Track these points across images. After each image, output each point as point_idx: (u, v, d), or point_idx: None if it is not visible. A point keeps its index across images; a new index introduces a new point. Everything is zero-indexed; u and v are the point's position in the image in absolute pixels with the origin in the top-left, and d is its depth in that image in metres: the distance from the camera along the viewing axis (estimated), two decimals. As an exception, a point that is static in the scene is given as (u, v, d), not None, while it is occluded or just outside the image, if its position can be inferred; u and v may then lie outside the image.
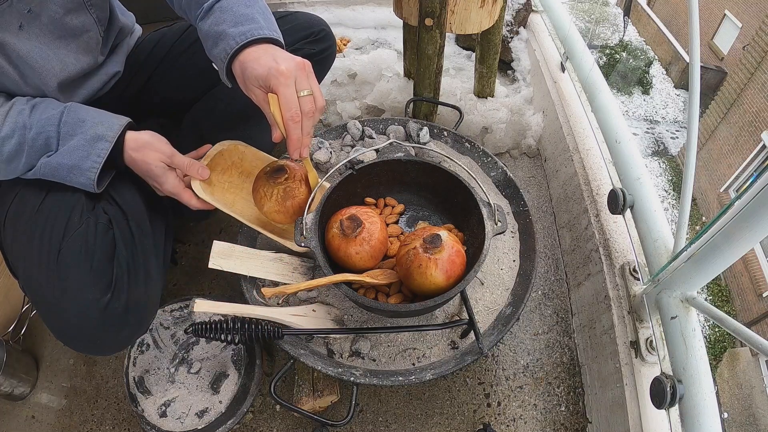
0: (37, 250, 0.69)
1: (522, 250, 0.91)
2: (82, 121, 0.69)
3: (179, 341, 0.89)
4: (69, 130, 0.68)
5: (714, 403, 0.58)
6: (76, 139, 0.68)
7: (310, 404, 0.83)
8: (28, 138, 0.66)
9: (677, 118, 9.53)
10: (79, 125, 0.68)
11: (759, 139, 6.67)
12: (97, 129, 0.69)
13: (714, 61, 9.48)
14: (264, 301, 0.82)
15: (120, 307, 0.70)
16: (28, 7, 0.66)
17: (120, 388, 0.97)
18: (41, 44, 0.70)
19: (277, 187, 0.79)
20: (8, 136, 0.66)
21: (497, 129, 1.27)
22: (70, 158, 0.68)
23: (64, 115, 0.68)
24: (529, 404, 0.90)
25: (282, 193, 0.80)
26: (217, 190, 0.83)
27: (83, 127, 0.68)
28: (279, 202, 0.80)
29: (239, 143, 0.87)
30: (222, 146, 0.85)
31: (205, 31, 0.71)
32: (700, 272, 0.62)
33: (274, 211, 0.81)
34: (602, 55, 10.28)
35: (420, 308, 0.72)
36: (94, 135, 0.68)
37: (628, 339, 0.78)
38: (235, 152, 0.87)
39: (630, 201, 0.81)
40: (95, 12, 0.77)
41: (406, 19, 1.06)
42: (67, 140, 0.68)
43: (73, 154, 0.68)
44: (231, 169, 0.87)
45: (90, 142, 0.68)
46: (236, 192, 0.87)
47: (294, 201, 0.81)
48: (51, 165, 0.68)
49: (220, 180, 0.85)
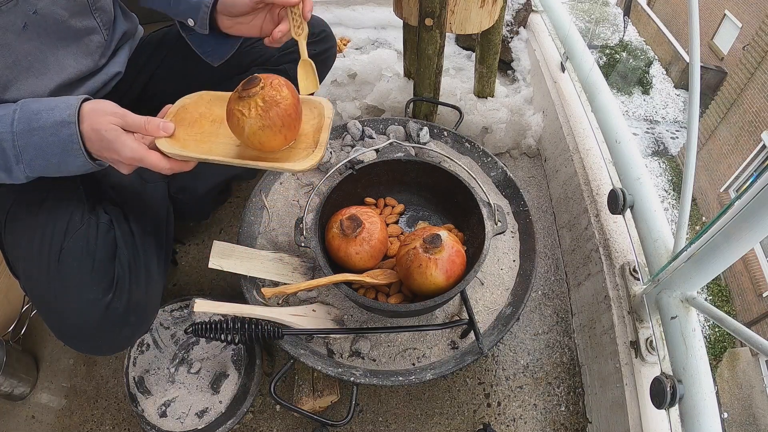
0: (38, 251, 0.69)
1: (522, 250, 0.91)
2: (35, 114, 0.62)
3: (179, 341, 0.89)
4: (25, 127, 0.61)
5: (714, 403, 0.58)
6: (35, 136, 0.61)
7: (310, 404, 0.83)
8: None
9: (677, 118, 9.53)
10: (33, 118, 0.61)
11: (759, 139, 6.67)
12: (53, 115, 0.62)
13: (714, 61, 9.48)
14: (264, 301, 0.82)
15: (121, 307, 0.70)
16: (34, 8, 0.66)
17: (120, 388, 0.97)
18: (43, 45, 0.69)
19: (254, 99, 0.64)
20: None
21: (497, 129, 1.27)
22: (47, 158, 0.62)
23: (18, 113, 0.62)
24: (529, 404, 0.90)
25: (261, 103, 0.65)
26: (189, 143, 0.69)
27: (38, 120, 0.61)
28: (261, 116, 0.65)
29: (204, 92, 0.75)
30: (183, 101, 0.73)
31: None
32: (700, 272, 0.62)
33: (259, 128, 0.65)
34: (602, 55, 10.28)
35: (420, 308, 0.72)
36: (53, 123, 0.61)
37: (628, 339, 0.78)
38: (200, 103, 0.74)
39: (630, 201, 0.81)
40: (99, 16, 0.77)
41: (406, 19, 1.06)
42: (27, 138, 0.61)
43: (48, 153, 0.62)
44: (200, 120, 0.74)
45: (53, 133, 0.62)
46: (211, 139, 0.72)
47: (279, 108, 0.65)
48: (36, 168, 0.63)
49: (190, 133, 0.71)
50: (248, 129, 0.65)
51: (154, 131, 0.66)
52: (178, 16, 0.82)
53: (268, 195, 0.99)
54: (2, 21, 0.62)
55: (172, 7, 0.80)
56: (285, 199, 0.99)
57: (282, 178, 1.02)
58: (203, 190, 1.02)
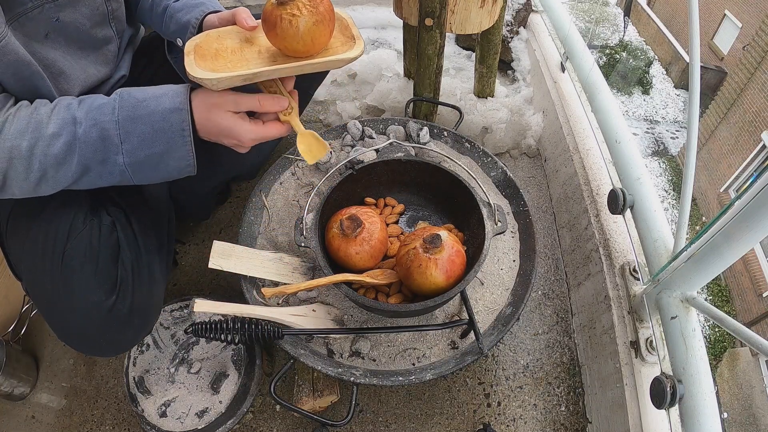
0: (40, 253, 0.69)
1: (522, 250, 0.91)
2: (141, 101, 0.61)
3: (179, 341, 0.89)
4: (129, 114, 0.60)
5: (714, 403, 0.58)
6: (141, 124, 0.60)
7: (310, 404, 0.83)
8: (78, 133, 0.59)
9: (677, 118, 9.53)
10: (139, 106, 0.61)
11: (759, 139, 6.67)
12: (161, 102, 0.61)
13: (714, 61, 9.48)
14: (264, 301, 0.82)
15: (125, 308, 0.70)
16: (56, 16, 0.66)
17: (120, 388, 0.97)
18: (65, 54, 0.70)
19: (297, 2, 0.66)
20: (56, 133, 0.58)
21: (497, 129, 1.27)
22: (151, 147, 0.61)
23: (118, 101, 0.61)
24: (529, 404, 0.90)
25: (307, 2, 0.67)
26: (232, 66, 0.70)
27: (145, 108, 0.61)
28: (312, 13, 0.67)
29: (208, 32, 0.75)
30: (194, 41, 0.72)
31: (181, 4, 0.83)
32: (700, 272, 0.62)
33: (313, 24, 0.67)
34: (602, 55, 10.28)
35: (420, 308, 0.72)
36: (163, 110, 0.61)
37: (628, 339, 0.78)
38: (210, 40, 0.74)
39: (630, 201, 0.81)
40: (115, 25, 0.79)
41: (406, 19, 1.06)
42: (130, 126, 0.60)
43: (153, 141, 0.61)
44: (220, 53, 0.74)
45: (163, 119, 0.61)
46: (244, 63, 0.73)
47: (324, 3, 0.69)
48: (138, 158, 0.61)
49: (220, 64, 0.71)
50: (303, 27, 0.67)
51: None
52: (168, 36, 0.85)
53: (268, 195, 0.99)
54: (27, 28, 0.62)
55: (163, 28, 0.84)
56: (285, 199, 0.99)
57: (282, 178, 1.02)
58: (203, 190, 1.02)
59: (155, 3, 0.85)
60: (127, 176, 0.62)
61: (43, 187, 0.61)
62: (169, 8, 0.83)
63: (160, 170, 0.64)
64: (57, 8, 0.65)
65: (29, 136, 0.57)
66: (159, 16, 0.84)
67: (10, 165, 0.58)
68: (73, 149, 0.59)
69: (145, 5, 0.86)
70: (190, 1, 0.83)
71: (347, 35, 0.76)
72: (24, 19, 0.61)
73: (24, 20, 0.61)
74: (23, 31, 0.61)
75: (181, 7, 0.82)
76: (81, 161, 0.59)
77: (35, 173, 0.59)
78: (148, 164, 0.62)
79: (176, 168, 0.64)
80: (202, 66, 0.67)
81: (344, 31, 0.77)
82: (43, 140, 0.58)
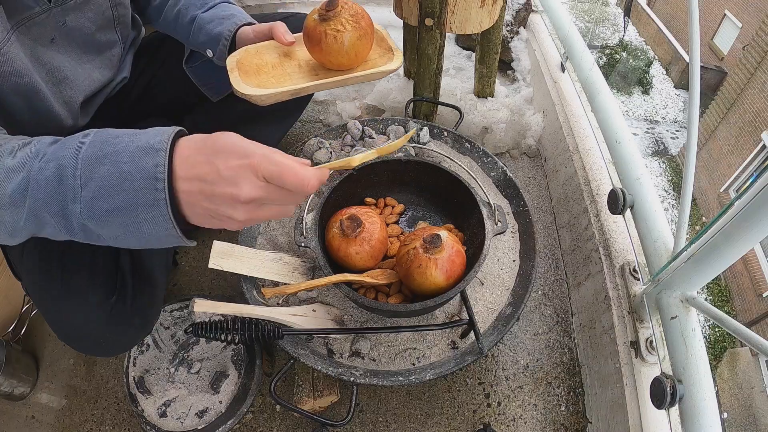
0: (40, 252, 0.69)
1: (522, 250, 0.91)
2: (114, 137, 0.45)
3: (179, 341, 0.89)
4: (95, 151, 0.43)
5: (714, 403, 0.58)
6: (105, 165, 0.42)
7: (310, 404, 0.83)
8: (34, 169, 0.43)
9: (677, 118, 9.53)
10: (108, 143, 0.44)
11: (759, 139, 6.67)
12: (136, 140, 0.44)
13: (714, 61, 9.48)
14: (264, 301, 0.82)
15: (125, 309, 0.70)
16: (63, 20, 0.66)
17: (120, 388, 0.97)
18: (71, 59, 0.70)
19: (342, 16, 0.69)
20: (15, 168, 0.44)
21: (497, 129, 1.27)
22: (112, 197, 0.42)
23: (91, 136, 0.45)
24: (529, 404, 0.90)
25: (350, 17, 0.70)
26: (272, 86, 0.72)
27: (114, 144, 0.44)
28: (356, 27, 0.69)
29: (246, 47, 0.78)
30: (235, 57, 0.74)
31: (210, 15, 0.81)
32: (700, 272, 0.62)
33: (357, 38, 0.70)
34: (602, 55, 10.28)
35: (420, 308, 0.72)
36: (133, 149, 0.43)
37: (628, 339, 0.78)
38: (249, 56, 0.76)
39: (630, 201, 0.81)
40: (120, 29, 0.79)
41: (406, 19, 1.06)
42: (93, 166, 0.43)
43: (114, 190, 0.42)
44: (261, 69, 0.76)
45: (131, 160, 0.42)
46: (287, 78, 0.74)
47: (365, 18, 0.72)
48: (98, 212, 0.43)
49: (263, 79, 0.74)
50: (348, 42, 0.69)
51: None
52: (196, 46, 0.84)
53: (268, 195, 0.99)
54: (34, 33, 0.62)
55: (191, 38, 0.83)
56: (285, 199, 0.99)
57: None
58: None
59: (181, 13, 0.84)
60: (95, 237, 0.45)
61: (0, 231, 0.46)
62: (198, 19, 0.82)
63: (133, 233, 0.44)
64: (64, 12, 0.65)
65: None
66: (185, 26, 0.83)
67: None
68: (27, 188, 0.43)
69: (169, 15, 0.85)
70: (220, 13, 0.82)
71: (384, 47, 0.79)
72: (31, 23, 0.61)
73: (31, 24, 0.61)
74: (30, 35, 0.61)
75: (210, 19, 0.81)
76: (33, 206, 0.43)
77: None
78: (113, 223, 0.43)
79: (153, 235, 0.44)
80: (247, 82, 0.69)
81: (381, 43, 0.80)
82: (1, 173, 0.44)
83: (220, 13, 0.82)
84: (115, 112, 0.88)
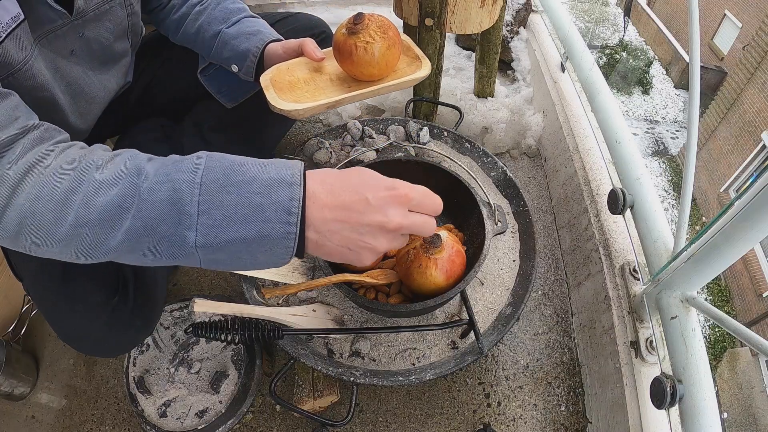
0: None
1: (522, 250, 0.91)
2: (239, 165, 0.43)
3: (179, 341, 0.89)
4: (218, 177, 0.41)
5: (714, 403, 0.58)
6: (232, 194, 0.41)
7: (310, 404, 0.83)
8: (142, 188, 0.41)
9: (677, 118, 9.54)
10: (235, 171, 0.42)
11: (759, 139, 6.68)
12: (267, 170, 0.43)
13: (714, 61, 9.48)
14: (264, 301, 0.82)
15: (126, 309, 0.70)
16: (82, 32, 0.66)
17: (120, 388, 0.97)
18: (89, 70, 0.70)
19: (371, 28, 0.72)
20: (110, 181, 0.41)
21: (497, 129, 1.27)
22: (240, 227, 0.41)
23: (205, 160, 0.43)
24: (529, 404, 0.90)
25: (377, 29, 0.72)
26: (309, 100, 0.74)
27: (243, 173, 0.42)
28: (384, 38, 0.72)
29: (278, 65, 0.79)
30: (268, 75, 0.76)
31: (235, 31, 0.81)
32: (700, 272, 0.62)
33: (387, 48, 0.73)
34: (602, 55, 10.29)
35: (420, 308, 0.72)
36: (267, 179, 0.42)
37: (628, 339, 0.78)
38: (281, 73, 0.78)
39: (630, 201, 0.81)
40: (132, 38, 0.79)
41: (406, 19, 1.06)
42: (216, 193, 0.41)
43: (244, 220, 0.41)
44: (295, 84, 0.78)
45: (265, 190, 0.41)
46: (321, 92, 0.76)
47: (392, 29, 0.74)
48: (216, 240, 0.41)
49: (299, 94, 0.76)
50: (378, 52, 0.72)
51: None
52: (219, 61, 0.84)
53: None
54: (55, 46, 0.62)
55: (213, 53, 0.84)
56: (285, 199, 0.99)
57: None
58: None
59: (203, 28, 0.83)
60: (194, 261, 0.43)
61: (72, 249, 0.42)
62: (223, 34, 0.82)
63: (245, 261, 0.43)
64: (83, 24, 0.65)
65: (72, 175, 0.41)
66: (207, 41, 0.83)
67: (35, 208, 0.41)
68: (129, 207, 0.40)
69: (190, 29, 0.85)
70: (246, 29, 0.82)
71: (411, 55, 0.82)
72: (53, 36, 0.61)
73: (53, 38, 0.61)
74: (51, 48, 0.61)
75: (236, 34, 0.81)
76: (135, 227, 0.40)
77: (66, 227, 0.41)
78: (228, 251, 0.42)
79: (265, 263, 0.44)
80: (283, 98, 0.72)
81: (407, 51, 0.82)
82: (89, 185, 0.41)
83: (246, 29, 0.82)
84: (115, 113, 0.88)
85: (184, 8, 0.85)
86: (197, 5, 0.85)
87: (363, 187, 0.44)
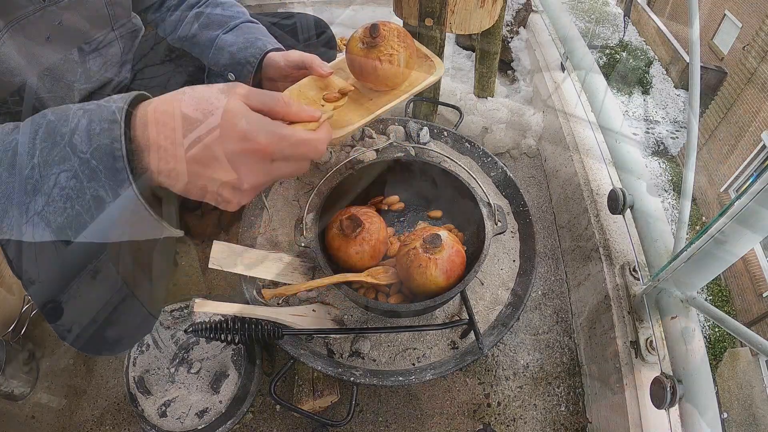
0: (41, 252, 0.69)
1: (522, 250, 0.91)
2: (67, 110, 0.41)
3: (179, 341, 0.89)
4: (52, 127, 0.40)
5: (714, 403, 0.58)
6: (61, 144, 0.39)
7: (310, 404, 0.83)
8: None
9: (677, 118, 9.53)
10: (63, 120, 0.40)
11: (759, 139, 6.67)
12: (97, 113, 0.40)
13: (714, 61, 9.48)
14: (264, 301, 0.82)
15: (126, 308, 0.70)
16: (59, 19, 0.65)
17: (120, 388, 0.97)
18: (68, 57, 0.70)
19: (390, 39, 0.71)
20: None
21: (497, 129, 1.27)
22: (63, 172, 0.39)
23: (48, 115, 0.41)
24: (529, 404, 0.90)
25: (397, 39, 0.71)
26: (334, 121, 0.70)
27: (67, 122, 0.40)
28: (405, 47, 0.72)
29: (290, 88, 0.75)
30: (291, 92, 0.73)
31: (232, 38, 0.80)
32: (700, 272, 0.62)
33: (409, 56, 0.73)
34: (602, 55, 10.28)
35: (420, 308, 0.72)
36: (88, 122, 0.39)
37: (628, 339, 0.78)
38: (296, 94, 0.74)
39: (630, 201, 0.81)
40: (119, 29, 0.78)
41: (406, 19, 1.06)
42: (49, 149, 0.40)
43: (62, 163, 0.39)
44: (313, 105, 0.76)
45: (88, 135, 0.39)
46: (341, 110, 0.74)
47: (409, 37, 0.74)
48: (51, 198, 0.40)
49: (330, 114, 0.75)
50: (403, 62, 0.73)
51: None
52: (216, 67, 0.83)
53: (268, 195, 0.99)
54: (28, 31, 0.62)
55: (210, 58, 0.82)
56: (285, 199, 0.99)
57: (282, 178, 1.02)
58: None
59: (199, 31, 0.82)
60: None
61: None
62: (219, 40, 0.81)
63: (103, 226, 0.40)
64: (59, 11, 0.65)
65: None
66: (204, 44, 0.82)
67: None
68: None
69: (186, 32, 0.84)
70: (243, 35, 0.81)
71: (420, 55, 0.81)
72: (25, 22, 0.61)
73: (25, 23, 0.61)
74: (24, 33, 0.61)
75: (233, 41, 0.80)
76: None
77: None
78: (73, 209, 0.40)
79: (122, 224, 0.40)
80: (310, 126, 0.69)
81: (417, 51, 0.81)
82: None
83: (243, 38, 0.80)
84: None
85: (181, 10, 0.84)
86: (195, 7, 0.84)
87: (212, 139, 0.38)
